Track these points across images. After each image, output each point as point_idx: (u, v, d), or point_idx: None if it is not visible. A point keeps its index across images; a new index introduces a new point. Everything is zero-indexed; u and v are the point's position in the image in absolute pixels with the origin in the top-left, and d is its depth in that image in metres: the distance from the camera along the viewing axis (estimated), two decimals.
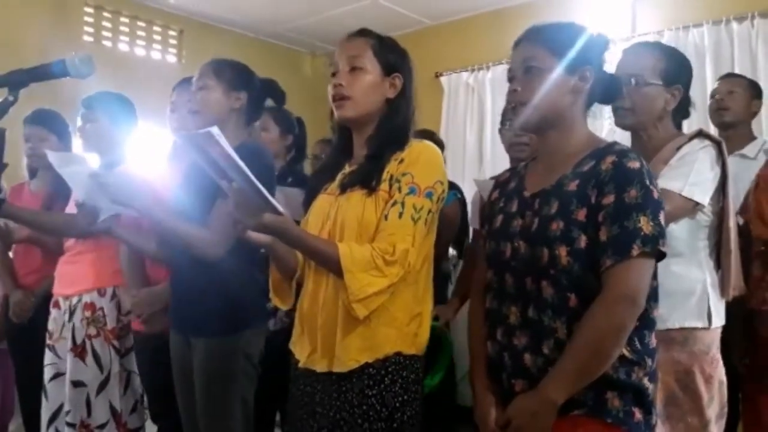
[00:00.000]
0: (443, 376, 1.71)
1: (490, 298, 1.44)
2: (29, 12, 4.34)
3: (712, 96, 2.88)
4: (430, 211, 1.47)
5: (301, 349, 1.56)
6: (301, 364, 1.55)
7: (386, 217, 1.44)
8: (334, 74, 1.56)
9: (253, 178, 1.27)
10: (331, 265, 1.42)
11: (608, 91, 1.45)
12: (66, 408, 2.36)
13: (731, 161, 1.79)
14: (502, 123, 2.45)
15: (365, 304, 1.40)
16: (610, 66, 1.49)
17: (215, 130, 1.22)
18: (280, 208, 1.34)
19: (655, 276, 1.33)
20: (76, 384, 2.36)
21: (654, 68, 1.75)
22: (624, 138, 1.81)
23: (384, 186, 1.48)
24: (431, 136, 3.17)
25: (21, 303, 2.70)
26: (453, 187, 3.08)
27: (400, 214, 1.44)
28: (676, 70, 1.78)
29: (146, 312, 2.23)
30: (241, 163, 1.26)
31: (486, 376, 1.43)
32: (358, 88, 1.53)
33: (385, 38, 1.60)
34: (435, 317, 2.28)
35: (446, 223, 2.91)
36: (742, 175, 2.31)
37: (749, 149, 2.72)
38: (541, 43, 1.38)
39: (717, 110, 2.83)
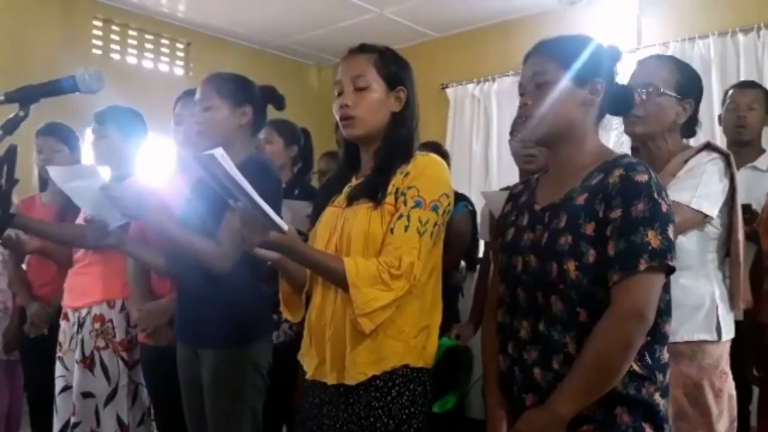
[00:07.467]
0: (457, 399, 1.69)
1: (502, 312, 1.44)
2: (38, 25, 4.39)
3: (730, 108, 2.73)
4: (435, 224, 1.48)
5: (309, 361, 1.57)
6: (309, 376, 1.56)
7: (392, 231, 1.45)
8: (339, 94, 1.56)
9: (257, 198, 1.26)
10: (337, 280, 1.43)
11: (620, 102, 1.44)
12: (74, 420, 2.35)
13: (743, 174, 1.79)
14: (511, 133, 2.44)
15: (371, 318, 1.41)
16: (622, 77, 1.48)
17: (219, 152, 1.21)
18: (285, 227, 1.33)
19: (667, 289, 1.32)
20: (86, 395, 2.35)
21: (669, 80, 1.76)
22: (628, 147, 1.81)
23: (389, 199, 1.49)
24: (437, 148, 3.16)
25: (38, 315, 2.71)
26: (463, 198, 3.06)
27: (406, 228, 1.45)
28: (690, 85, 1.79)
29: (151, 325, 2.24)
30: (246, 185, 1.24)
31: (498, 390, 1.43)
32: (365, 108, 1.54)
33: (386, 51, 1.60)
34: (456, 336, 2.27)
35: (456, 234, 2.88)
36: (756, 187, 2.29)
37: (761, 162, 2.68)
38: (550, 56, 1.38)
39: (737, 127, 2.68)
